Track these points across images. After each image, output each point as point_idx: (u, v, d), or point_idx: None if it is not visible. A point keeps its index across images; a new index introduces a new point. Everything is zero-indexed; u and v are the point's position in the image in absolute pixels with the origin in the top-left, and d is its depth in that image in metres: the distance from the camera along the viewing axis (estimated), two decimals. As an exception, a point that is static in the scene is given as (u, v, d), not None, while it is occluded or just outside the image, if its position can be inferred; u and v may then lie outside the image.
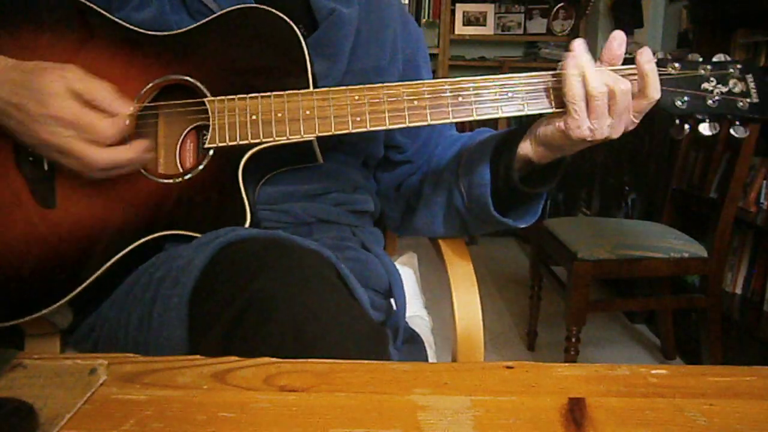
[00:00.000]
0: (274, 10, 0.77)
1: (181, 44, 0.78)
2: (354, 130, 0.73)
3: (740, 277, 2.11)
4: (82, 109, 0.68)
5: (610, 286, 2.69)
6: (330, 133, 0.74)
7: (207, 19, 0.78)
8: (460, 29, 3.97)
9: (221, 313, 0.58)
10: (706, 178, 2.08)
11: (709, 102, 0.73)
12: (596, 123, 0.68)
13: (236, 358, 0.50)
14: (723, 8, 2.12)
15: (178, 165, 0.78)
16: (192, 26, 0.78)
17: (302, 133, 0.73)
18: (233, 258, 0.63)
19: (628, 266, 1.83)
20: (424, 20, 3.79)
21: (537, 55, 3.98)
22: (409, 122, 0.73)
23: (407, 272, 1.13)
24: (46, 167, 0.74)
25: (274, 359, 0.50)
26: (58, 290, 0.73)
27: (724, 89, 0.73)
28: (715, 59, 0.75)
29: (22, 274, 0.73)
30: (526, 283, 2.37)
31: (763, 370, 0.50)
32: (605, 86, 0.67)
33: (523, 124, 0.78)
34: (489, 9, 3.97)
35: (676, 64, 0.74)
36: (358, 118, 0.73)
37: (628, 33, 3.11)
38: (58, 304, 0.73)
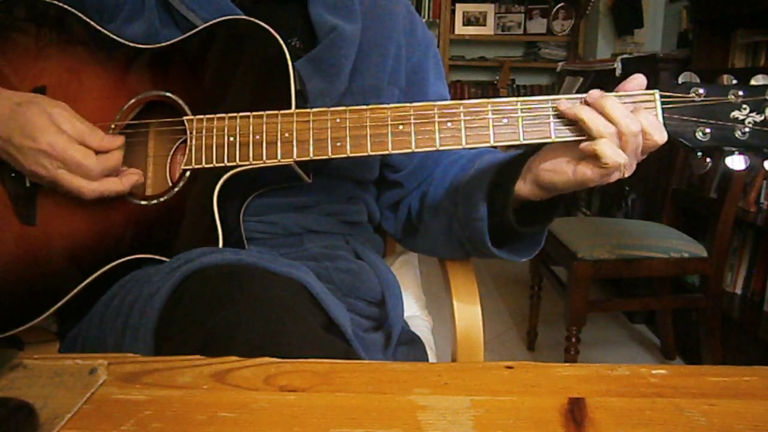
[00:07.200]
0: (260, 22, 0.74)
1: (166, 58, 0.76)
2: (334, 156, 0.69)
3: (740, 277, 2.11)
4: (69, 144, 0.67)
5: (610, 286, 2.68)
6: (308, 158, 0.70)
7: (193, 32, 0.76)
8: (460, 29, 3.98)
9: (183, 347, 0.56)
10: (706, 178, 2.08)
11: (738, 134, 0.64)
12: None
13: (236, 358, 0.50)
14: (723, 8, 2.12)
15: (169, 181, 0.77)
16: (177, 39, 0.76)
17: (279, 157, 0.70)
18: (194, 290, 0.61)
19: (628, 266, 1.83)
20: (424, 20, 3.80)
21: (537, 55, 3.98)
22: (392, 149, 0.68)
23: (407, 272, 1.12)
24: (27, 184, 0.73)
25: (274, 359, 0.50)
26: (33, 309, 0.72)
27: (759, 118, 0.63)
28: (753, 82, 0.64)
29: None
30: (526, 283, 2.37)
31: (763, 370, 0.49)
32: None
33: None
34: (489, 9, 3.98)
35: (701, 90, 0.64)
36: (339, 143, 0.69)
37: (628, 33, 3.14)
38: (32, 323, 0.72)
